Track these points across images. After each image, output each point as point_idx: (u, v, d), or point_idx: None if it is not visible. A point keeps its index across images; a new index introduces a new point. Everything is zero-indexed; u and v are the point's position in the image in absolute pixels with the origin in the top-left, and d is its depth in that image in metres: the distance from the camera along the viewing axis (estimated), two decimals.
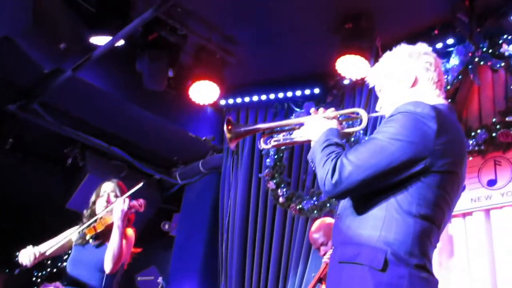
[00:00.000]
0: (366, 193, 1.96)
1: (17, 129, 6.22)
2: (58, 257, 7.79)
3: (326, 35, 5.29)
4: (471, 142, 4.61)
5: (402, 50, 2.27)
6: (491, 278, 4.42)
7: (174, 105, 6.38)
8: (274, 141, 2.44)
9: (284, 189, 5.88)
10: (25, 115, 5.96)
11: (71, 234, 3.71)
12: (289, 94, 6.26)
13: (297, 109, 6.12)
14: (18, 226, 7.03)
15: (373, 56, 5.11)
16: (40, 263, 7.59)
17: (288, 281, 5.80)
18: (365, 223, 1.94)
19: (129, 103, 6.12)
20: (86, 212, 3.78)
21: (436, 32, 5.06)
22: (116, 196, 3.71)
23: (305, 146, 5.73)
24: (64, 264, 7.73)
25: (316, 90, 6.10)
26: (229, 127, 2.37)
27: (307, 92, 6.15)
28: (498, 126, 4.50)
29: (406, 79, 2.18)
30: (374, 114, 2.40)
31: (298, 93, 6.20)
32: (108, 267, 3.44)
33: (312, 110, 2.33)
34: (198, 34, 5.46)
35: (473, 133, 4.62)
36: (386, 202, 1.93)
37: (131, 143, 6.79)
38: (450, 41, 5.01)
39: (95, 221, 3.59)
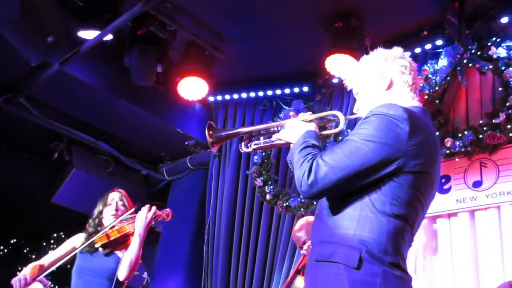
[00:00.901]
0: (342, 193, 2.00)
1: (3, 123, 6.15)
2: (42, 251, 7.76)
3: (316, 33, 5.29)
4: (457, 143, 4.64)
5: (379, 53, 2.33)
6: (475, 279, 4.45)
7: (162, 101, 6.34)
8: (255, 144, 2.48)
9: (271, 186, 5.88)
10: (11, 109, 5.90)
11: (76, 243, 3.67)
12: (278, 91, 6.26)
13: (286, 107, 6.12)
14: (3, 220, 6.97)
15: (363, 56, 5.11)
16: (24, 257, 7.60)
17: (273, 278, 5.81)
18: (340, 222, 1.99)
19: (116, 98, 6.08)
20: (92, 221, 3.72)
21: (425, 33, 5.09)
22: (124, 205, 3.71)
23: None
24: None
25: (305, 88, 6.11)
26: (210, 132, 2.42)
27: (296, 90, 6.15)
28: (485, 128, 4.53)
29: (382, 82, 2.24)
30: (351, 117, 2.43)
31: (287, 91, 6.21)
32: (123, 274, 3.42)
33: (292, 113, 2.40)
34: (187, 30, 5.44)
35: (460, 134, 4.65)
36: (361, 202, 1.97)
37: (118, 138, 6.75)
38: (439, 42, 5.04)
39: (109, 228, 3.54)
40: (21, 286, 3.30)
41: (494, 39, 4.62)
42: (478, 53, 4.66)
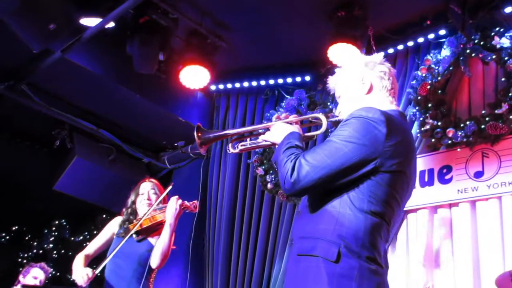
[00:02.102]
0: (322, 192, 2.13)
1: (5, 110, 6.15)
2: (43, 237, 7.80)
3: (318, 22, 5.27)
4: (459, 133, 4.63)
5: (359, 60, 2.46)
6: (475, 269, 4.46)
7: (164, 89, 6.33)
8: (241, 145, 2.58)
9: (273, 176, 5.88)
10: (13, 96, 5.89)
11: (114, 229, 3.85)
12: (280, 81, 6.26)
13: (288, 96, 6.11)
14: (4, 207, 6.99)
15: (365, 45, 5.10)
16: (26, 243, 7.63)
17: (274, 266, 5.83)
18: (321, 218, 2.11)
19: (118, 86, 6.06)
20: (126, 210, 3.88)
21: (428, 22, 5.07)
22: (155, 194, 3.85)
23: None
24: (50, 245, 7.78)
25: (307, 78, 6.10)
26: (199, 134, 2.51)
27: (298, 79, 6.15)
28: (487, 119, 4.52)
29: (363, 86, 2.37)
30: (333, 119, 2.52)
31: (289, 80, 6.20)
32: (155, 262, 3.57)
33: (275, 117, 2.51)
34: (190, 18, 5.42)
35: (462, 125, 4.64)
36: (340, 200, 2.10)
37: (120, 126, 6.75)
38: (442, 32, 5.02)
39: (142, 217, 3.68)
40: (87, 281, 3.43)
41: (497, 29, 4.60)
42: (481, 43, 4.63)
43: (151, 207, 3.71)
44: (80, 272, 3.48)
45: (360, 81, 2.37)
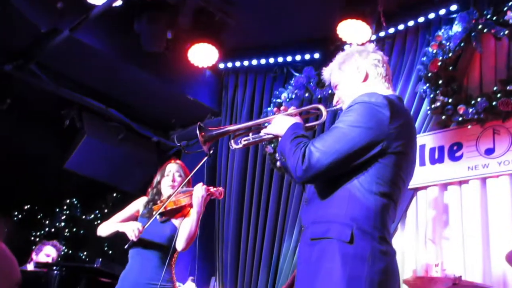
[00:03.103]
0: (332, 177, 2.18)
1: (14, 90, 6.16)
2: (55, 216, 7.88)
3: None
4: (470, 110, 4.58)
5: (353, 49, 2.55)
6: (485, 246, 4.46)
7: (173, 68, 6.31)
8: (244, 140, 2.59)
9: None
10: (22, 76, 5.90)
11: (140, 207, 3.88)
12: (289, 58, 6.23)
13: (297, 74, 6.08)
14: (16, 186, 7.05)
15: (375, 22, 5.04)
16: (38, 222, 7.72)
17: (283, 243, 5.87)
18: (332, 203, 2.18)
19: (127, 64, 6.06)
20: (151, 191, 3.91)
21: None
22: (180, 176, 3.87)
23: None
24: (62, 224, 7.86)
25: (316, 55, 6.06)
26: (202, 133, 2.56)
27: (307, 57, 6.11)
28: (498, 95, 4.46)
29: (358, 75, 2.44)
30: (332, 109, 2.56)
31: (298, 57, 6.17)
32: (181, 245, 3.61)
33: (275, 109, 2.57)
34: None
35: (473, 101, 4.59)
36: (349, 183, 2.17)
37: (129, 105, 6.76)
38: (453, 7, 4.95)
39: (167, 199, 3.70)
40: (139, 234, 3.48)
41: (510, 3, 4.51)
42: (494, 18, 4.56)
43: (175, 190, 3.72)
44: (131, 225, 3.52)
45: (356, 70, 2.44)
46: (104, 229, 3.72)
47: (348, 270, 2.02)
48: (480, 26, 4.62)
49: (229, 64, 6.55)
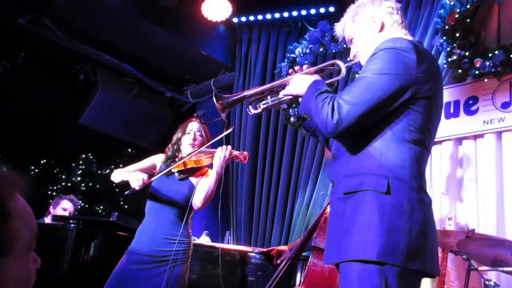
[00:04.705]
0: (362, 128, 2.12)
1: (28, 44, 6.17)
2: (72, 171, 7.97)
3: None
4: (487, 63, 4.50)
5: (364, 0, 2.45)
6: (499, 200, 4.45)
7: (186, 23, 6.28)
8: (263, 104, 2.53)
9: (296, 109, 5.87)
10: (36, 30, 5.89)
11: (157, 162, 3.86)
12: (303, 12, 6.14)
13: (311, 28, 6.00)
14: (33, 141, 7.13)
15: None
16: (54, 176, 7.81)
17: (297, 198, 5.91)
18: (364, 155, 2.12)
19: (141, 19, 6.03)
20: (171, 147, 3.89)
21: None
22: (201, 136, 3.85)
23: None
24: (78, 178, 7.96)
25: (331, 9, 5.98)
26: (219, 101, 2.51)
27: (322, 10, 6.03)
28: None
29: (374, 25, 2.37)
30: (350, 63, 2.47)
31: (313, 11, 6.08)
32: (198, 204, 3.61)
33: (291, 70, 2.47)
34: None
35: (490, 54, 4.51)
36: (380, 133, 2.11)
37: (142, 60, 6.75)
38: None
39: (188, 157, 3.68)
40: (140, 185, 3.47)
41: None
42: None
43: (195, 148, 3.72)
44: (136, 175, 3.52)
45: (371, 20, 2.37)
46: (116, 175, 3.71)
47: (386, 221, 1.97)
48: None
49: (243, 19, 6.49)
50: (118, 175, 3.70)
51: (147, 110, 7.02)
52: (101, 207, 7.80)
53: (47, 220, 5.70)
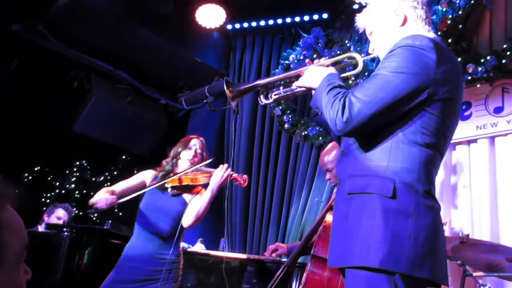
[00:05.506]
0: (373, 128, 2.02)
1: (22, 51, 6.15)
2: (66, 178, 7.94)
3: None
4: (479, 69, 4.54)
5: None
6: (493, 205, 4.48)
7: (181, 29, 6.28)
8: (275, 95, 2.45)
9: (290, 116, 5.88)
10: (30, 36, 5.87)
11: (146, 179, 3.74)
12: (297, 19, 6.17)
13: (305, 35, 6.02)
14: (27, 148, 7.10)
15: None
16: (48, 184, 7.78)
17: (292, 205, 5.91)
18: (372, 155, 2.02)
19: (135, 26, 6.01)
20: (170, 161, 3.75)
21: None
22: (201, 154, 3.75)
23: None
24: (72, 186, 7.93)
25: (325, 15, 6.01)
26: (230, 89, 2.41)
27: (315, 17, 6.06)
28: (508, 53, 4.43)
29: (396, 18, 2.23)
30: (368, 57, 2.40)
31: (306, 18, 6.11)
32: (188, 222, 3.49)
33: (307, 61, 2.38)
34: None
35: (482, 60, 4.55)
36: (392, 134, 2.00)
37: (137, 67, 6.73)
38: None
39: (184, 173, 3.60)
40: (107, 204, 3.36)
41: None
42: None
43: (193, 165, 3.62)
44: (103, 195, 3.40)
45: (393, 13, 2.24)
46: (96, 196, 3.53)
47: (390, 226, 1.88)
48: None
49: (237, 25, 6.51)
50: (96, 196, 3.53)
51: (142, 117, 7.01)
52: (95, 215, 7.76)
53: (41, 228, 5.66)
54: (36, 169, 7.72)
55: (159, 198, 3.58)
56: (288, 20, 6.20)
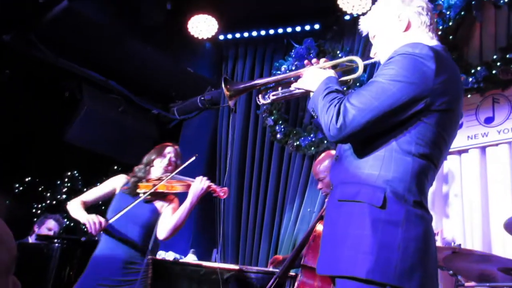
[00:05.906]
0: (368, 135, 2.00)
1: (12, 61, 6.13)
2: (57, 189, 7.89)
3: None
4: (470, 79, 4.58)
5: None
6: (484, 214, 4.49)
7: (173, 40, 6.29)
8: (273, 95, 2.44)
9: (282, 126, 5.89)
10: (21, 46, 5.86)
11: (117, 185, 3.68)
12: (289, 29, 6.19)
13: (297, 45, 6.04)
14: (18, 158, 7.06)
15: None
16: (39, 194, 7.73)
17: (284, 215, 5.90)
18: (364, 163, 2.00)
19: (126, 36, 6.02)
20: (142, 167, 3.70)
21: None
22: (176, 163, 3.69)
23: None
24: (64, 196, 7.88)
25: (316, 26, 6.04)
26: (228, 86, 2.39)
27: (307, 28, 6.08)
28: (498, 64, 4.46)
29: (400, 24, 2.21)
30: (369, 61, 2.36)
31: (298, 28, 6.13)
32: (164, 234, 3.44)
33: (306, 62, 2.37)
34: None
35: (473, 70, 4.59)
36: (386, 142, 1.98)
37: (129, 77, 6.73)
38: None
39: (159, 180, 3.54)
40: (97, 230, 3.26)
41: None
42: None
43: (169, 173, 3.55)
44: (91, 217, 3.27)
45: (397, 18, 2.21)
46: (72, 209, 3.48)
47: (379, 237, 1.85)
48: None
49: (229, 36, 6.53)
50: (73, 210, 3.47)
51: (133, 127, 6.99)
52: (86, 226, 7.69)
53: (31, 239, 5.62)
54: (27, 179, 7.67)
55: (128, 203, 3.41)
56: (280, 30, 6.22)
